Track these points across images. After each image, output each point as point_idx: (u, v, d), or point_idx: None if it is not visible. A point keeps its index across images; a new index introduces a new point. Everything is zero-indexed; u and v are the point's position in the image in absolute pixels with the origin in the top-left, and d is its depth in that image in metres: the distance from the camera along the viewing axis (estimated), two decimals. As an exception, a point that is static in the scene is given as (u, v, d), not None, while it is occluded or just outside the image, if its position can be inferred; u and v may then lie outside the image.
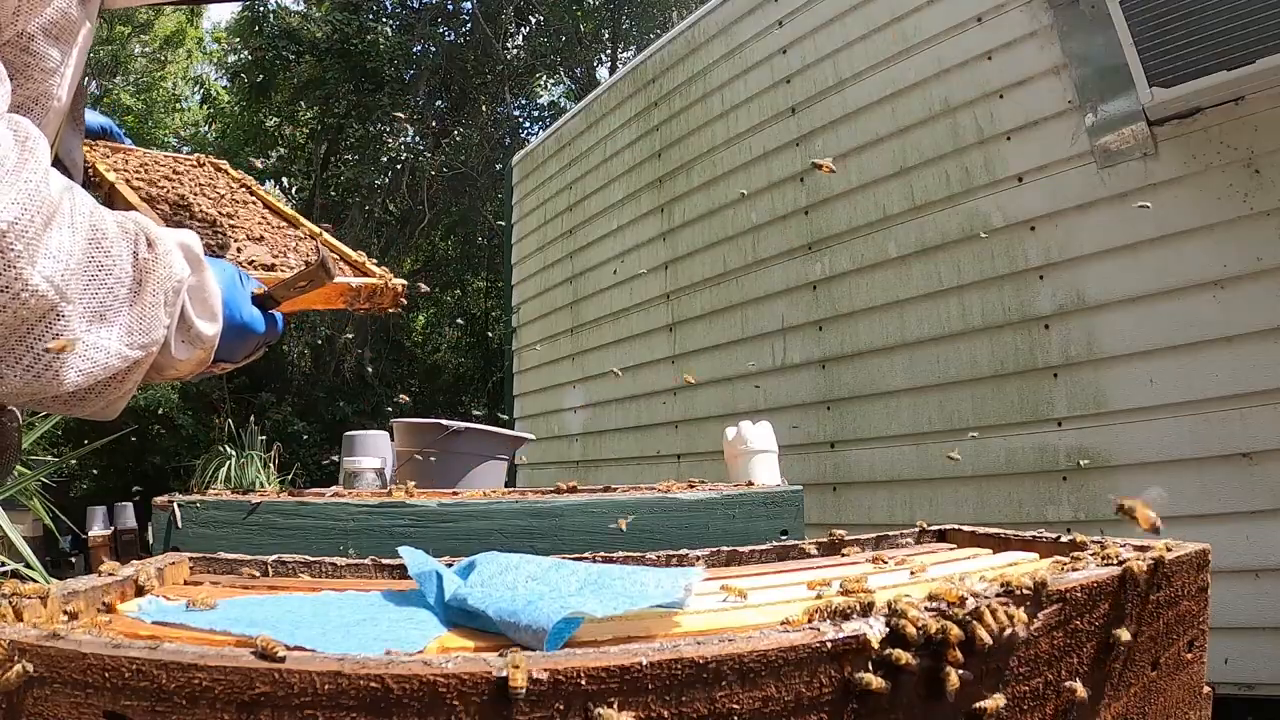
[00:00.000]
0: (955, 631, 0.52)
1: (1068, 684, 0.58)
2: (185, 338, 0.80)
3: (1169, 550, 0.69)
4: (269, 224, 1.52)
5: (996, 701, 0.54)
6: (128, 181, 1.42)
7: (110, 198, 1.38)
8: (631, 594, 0.63)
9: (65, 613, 0.64)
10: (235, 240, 1.36)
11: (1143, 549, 0.70)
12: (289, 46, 11.05)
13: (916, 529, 1.04)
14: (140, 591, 0.74)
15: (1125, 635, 0.58)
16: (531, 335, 5.64)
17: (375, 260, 1.47)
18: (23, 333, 0.62)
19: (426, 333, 12.90)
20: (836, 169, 3.43)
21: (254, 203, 1.61)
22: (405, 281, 1.42)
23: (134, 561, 0.81)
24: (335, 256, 1.44)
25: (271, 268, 1.30)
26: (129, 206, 1.30)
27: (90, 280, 0.66)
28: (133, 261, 0.71)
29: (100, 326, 0.68)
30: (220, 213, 1.45)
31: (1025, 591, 0.58)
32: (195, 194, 1.50)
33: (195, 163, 1.74)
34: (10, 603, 0.57)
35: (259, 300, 0.94)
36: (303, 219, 1.60)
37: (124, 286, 0.70)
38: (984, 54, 2.93)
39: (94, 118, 1.59)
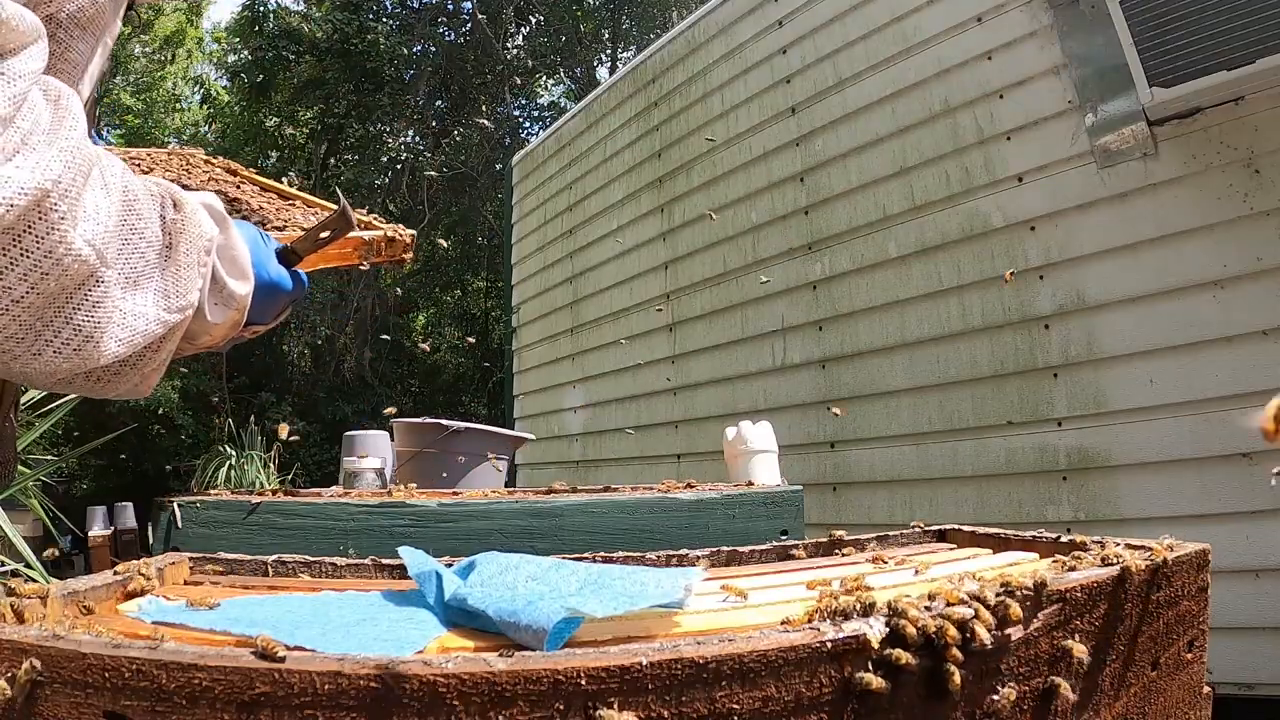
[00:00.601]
0: (952, 632, 0.52)
1: (1053, 678, 0.57)
2: (218, 299, 0.78)
3: (1169, 550, 0.69)
4: (267, 199, 1.55)
5: (1008, 696, 0.54)
6: None
7: None
8: (631, 594, 0.63)
9: (84, 608, 0.64)
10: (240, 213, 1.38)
11: (1142, 549, 0.70)
12: (289, 46, 11.05)
13: (915, 529, 1.04)
14: (140, 591, 0.74)
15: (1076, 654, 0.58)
16: (531, 335, 5.64)
17: (378, 215, 1.53)
18: (61, 302, 0.58)
19: (426, 332, 12.91)
20: (836, 169, 3.43)
21: (243, 183, 1.63)
22: (414, 231, 1.47)
23: (132, 561, 0.81)
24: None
25: (283, 228, 1.32)
26: None
27: (125, 244, 0.63)
28: (161, 224, 0.68)
29: (136, 292, 0.65)
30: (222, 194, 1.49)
31: (1025, 591, 0.58)
32: (180, 184, 1.53)
33: (173, 154, 1.75)
34: (11, 605, 0.57)
35: (282, 256, 0.93)
36: (290, 189, 1.62)
37: (155, 250, 0.67)
38: (984, 54, 2.93)
39: None
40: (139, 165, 1.58)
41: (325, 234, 0.96)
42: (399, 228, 1.46)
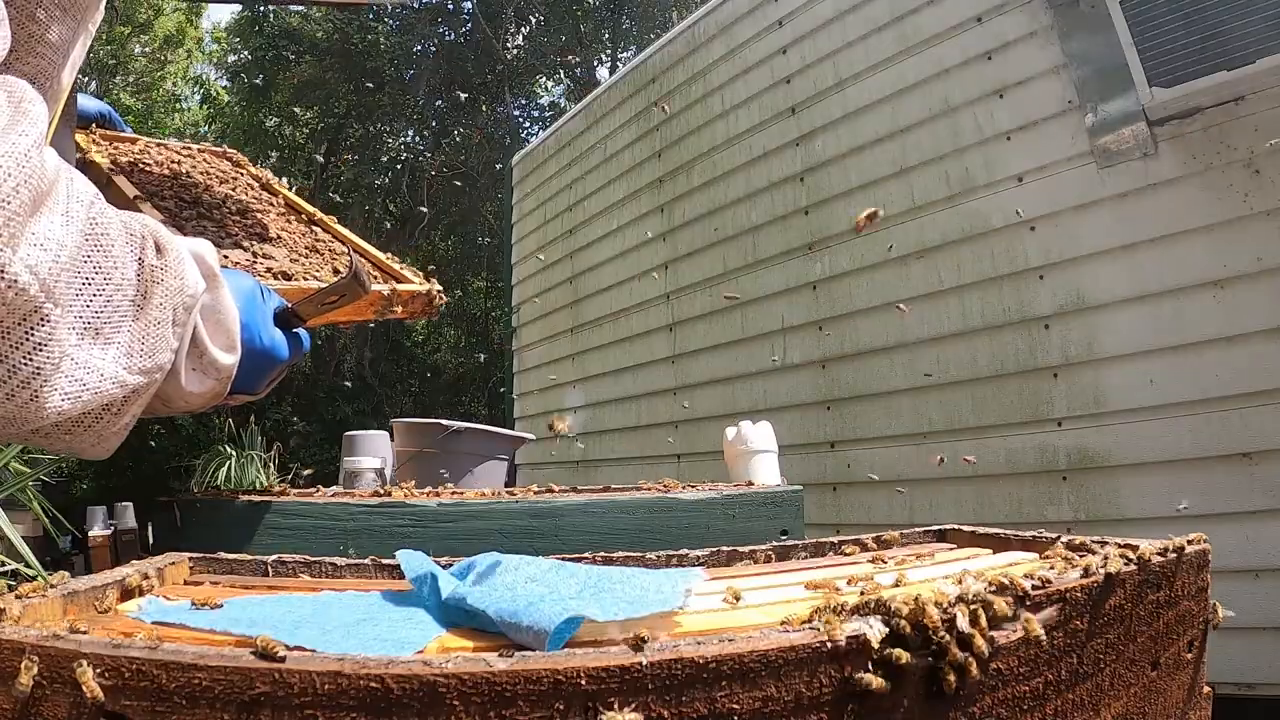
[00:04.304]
0: (951, 632, 0.52)
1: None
2: (197, 365, 0.69)
3: (1169, 550, 0.69)
4: (288, 223, 1.41)
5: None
6: (125, 173, 1.34)
7: (104, 189, 1.31)
8: (631, 599, 0.63)
9: (95, 607, 0.64)
10: (250, 242, 1.25)
11: (1139, 549, 0.70)
12: (289, 46, 11.05)
13: (916, 528, 1.04)
14: (140, 591, 0.74)
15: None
16: (532, 335, 5.64)
17: (405, 263, 1.36)
18: None
19: (427, 333, 12.91)
20: (836, 169, 3.43)
21: (274, 202, 1.51)
22: (440, 288, 1.31)
23: (134, 561, 0.81)
24: (367, 264, 1.31)
25: (290, 276, 1.19)
26: (125, 202, 1.25)
27: (85, 285, 0.55)
28: (137, 269, 0.60)
29: (94, 343, 0.56)
30: (232, 210, 1.35)
31: (1024, 592, 0.57)
32: (205, 188, 1.40)
33: (210, 153, 1.66)
34: (11, 604, 0.57)
35: (282, 318, 0.83)
36: (329, 220, 1.48)
37: (125, 297, 0.58)
38: (984, 54, 2.93)
39: (91, 102, 1.51)
40: (166, 158, 1.50)
41: (333, 299, 0.87)
42: (423, 279, 1.30)
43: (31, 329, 0.51)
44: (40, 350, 0.52)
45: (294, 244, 1.32)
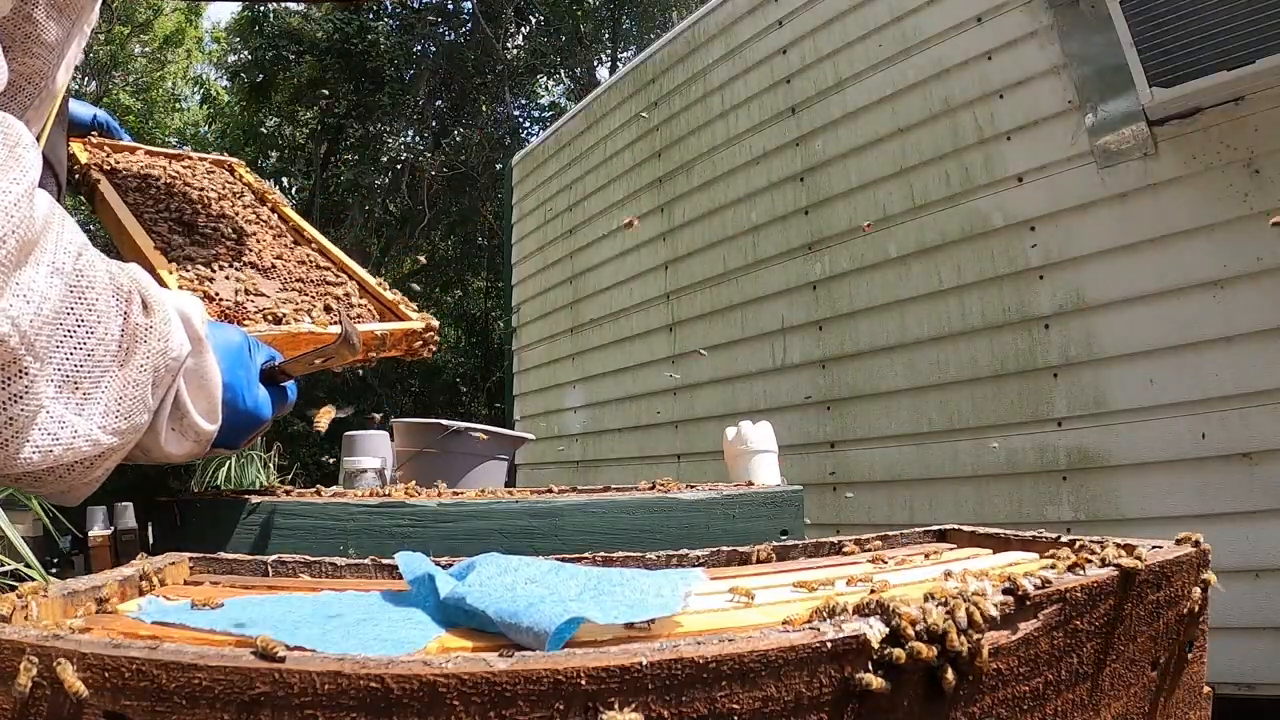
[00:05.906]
0: (952, 632, 0.52)
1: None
2: (178, 427, 0.69)
3: (1169, 550, 0.69)
4: (284, 247, 1.36)
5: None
6: (121, 187, 1.28)
7: (97, 204, 1.24)
8: (631, 602, 0.63)
9: (97, 600, 0.64)
10: (243, 273, 1.20)
11: (1137, 548, 0.70)
12: (289, 46, 11.05)
13: (916, 528, 1.04)
14: (140, 591, 0.74)
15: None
16: (531, 335, 5.64)
17: (396, 291, 1.33)
18: None
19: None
20: (836, 169, 3.43)
21: (275, 223, 1.45)
22: (437, 323, 1.29)
23: (134, 561, 0.80)
24: (369, 309, 1.27)
25: (280, 319, 1.15)
26: (117, 223, 1.20)
27: (67, 337, 0.54)
28: (122, 324, 0.59)
29: (72, 398, 0.56)
30: (228, 233, 1.30)
31: (1024, 591, 0.57)
32: (203, 206, 1.35)
33: (210, 163, 1.57)
34: (11, 603, 0.57)
35: (268, 374, 0.83)
36: (332, 247, 1.43)
37: (107, 352, 0.58)
38: (984, 54, 2.93)
39: (85, 108, 1.42)
40: (165, 171, 1.43)
41: (321, 360, 0.88)
42: (425, 317, 1.26)
43: (9, 380, 0.51)
44: (16, 401, 0.51)
45: (288, 273, 1.29)
